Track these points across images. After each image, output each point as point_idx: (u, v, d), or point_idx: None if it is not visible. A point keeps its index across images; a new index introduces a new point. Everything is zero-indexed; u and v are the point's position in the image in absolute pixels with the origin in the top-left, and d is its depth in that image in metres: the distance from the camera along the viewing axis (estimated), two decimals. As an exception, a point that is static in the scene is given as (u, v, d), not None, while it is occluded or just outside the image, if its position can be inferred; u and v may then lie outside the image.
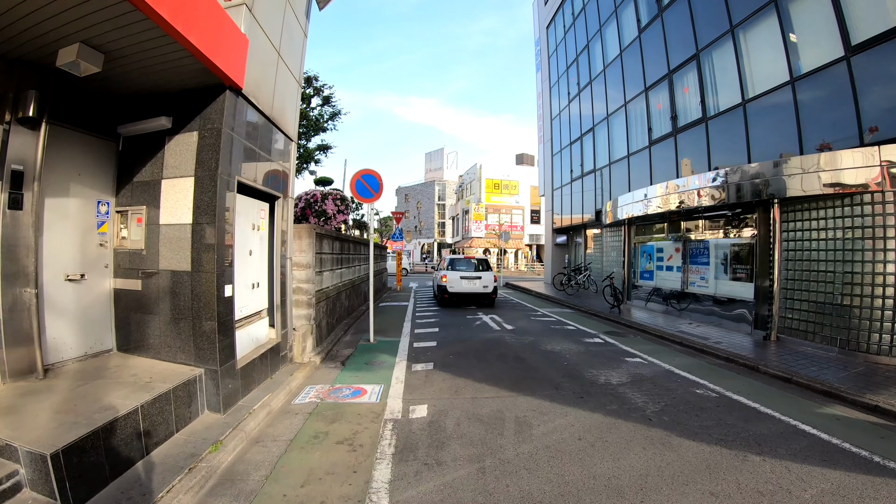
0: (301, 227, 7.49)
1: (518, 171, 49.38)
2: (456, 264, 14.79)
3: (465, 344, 8.30)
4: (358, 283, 12.86)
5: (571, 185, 21.82)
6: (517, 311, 13.16)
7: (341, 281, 10.33)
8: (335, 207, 15.01)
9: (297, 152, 9.13)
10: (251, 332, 5.71)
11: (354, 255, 12.57)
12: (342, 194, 15.34)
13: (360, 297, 13.34)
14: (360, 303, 13.45)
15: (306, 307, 7.52)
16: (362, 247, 14.14)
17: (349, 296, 11.32)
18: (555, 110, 24.82)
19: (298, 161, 11.20)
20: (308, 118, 11.83)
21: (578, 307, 14.42)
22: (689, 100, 13.81)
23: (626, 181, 16.85)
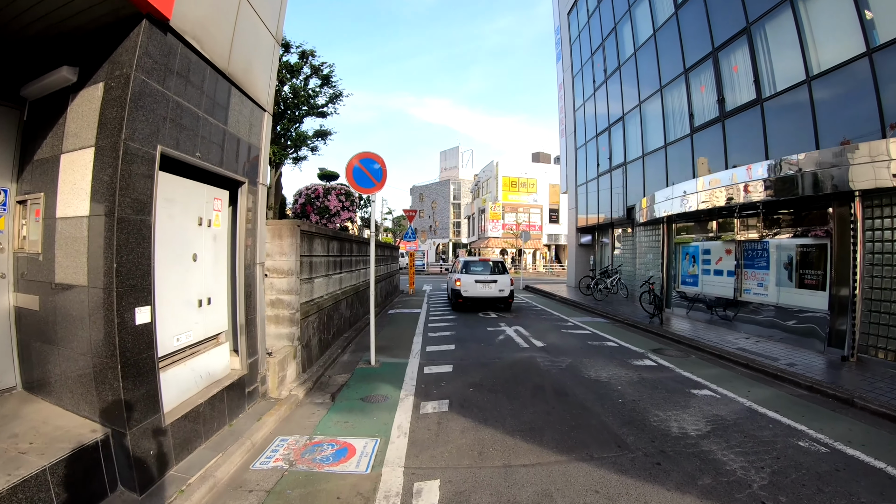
0: (281, 225, 5.97)
1: (535, 169, 47.54)
2: (470, 267, 13.90)
3: (488, 369, 6.69)
4: (363, 288, 11.35)
5: (598, 180, 20.03)
6: (544, 322, 11.49)
7: (341, 288, 8.81)
8: (339, 203, 13.52)
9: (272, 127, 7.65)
10: (198, 365, 4.20)
11: (359, 258, 11.05)
12: (347, 189, 13.84)
13: (366, 305, 11.82)
14: (367, 311, 11.93)
15: (288, 324, 6.00)
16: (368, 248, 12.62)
17: (351, 304, 9.80)
18: (578, 101, 23.04)
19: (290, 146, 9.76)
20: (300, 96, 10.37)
21: (612, 316, 12.69)
22: (739, 79, 12.01)
23: (664, 175, 15.05)
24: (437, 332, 9.62)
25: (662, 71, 15.51)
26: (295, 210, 13.52)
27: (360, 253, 11.40)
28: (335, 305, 8.30)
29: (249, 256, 4.92)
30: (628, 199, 17.28)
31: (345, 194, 13.46)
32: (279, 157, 9.05)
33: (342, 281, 8.96)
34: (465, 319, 11.56)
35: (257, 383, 5.12)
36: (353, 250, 10.16)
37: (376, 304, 12.85)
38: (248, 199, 4.85)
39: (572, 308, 14.82)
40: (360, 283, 11.37)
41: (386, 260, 16.62)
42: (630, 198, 17.18)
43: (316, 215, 13.27)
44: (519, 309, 14.05)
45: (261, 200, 5.14)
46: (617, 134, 18.53)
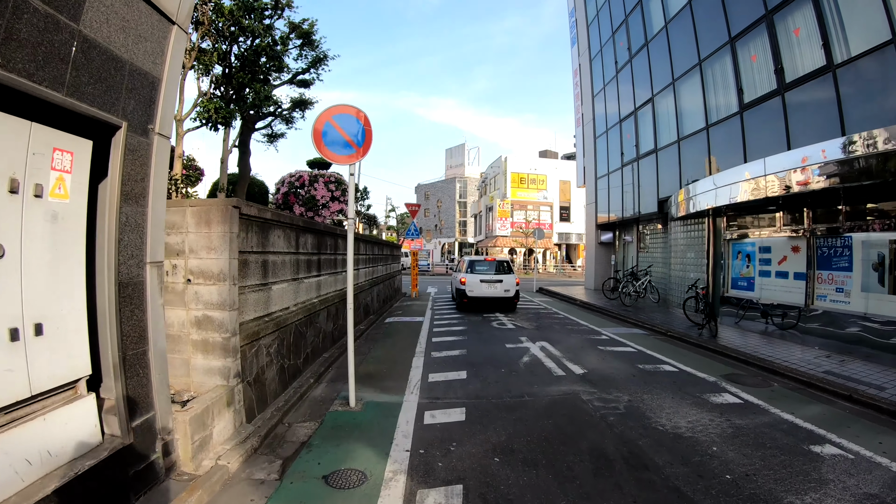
0: (208, 206, 4.02)
1: (545, 164, 45.46)
2: (476, 266, 13.40)
3: (518, 416, 4.70)
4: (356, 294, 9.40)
5: (622, 170, 17.97)
6: (573, 334, 9.48)
7: (319, 295, 6.86)
8: (328, 193, 11.60)
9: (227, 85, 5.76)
10: (22, 441, 2.25)
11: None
12: (338, 177, 11.92)
13: (358, 313, 9.86)
14: (359, 319, 9.97)
15: (220, 354, 4.05)
16: (363, 245, 10.65)
17: (336, 315, 7.85)
18: (597, 85, 20.99)
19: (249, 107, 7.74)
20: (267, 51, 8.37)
21: (651, 326, 10.67)
22: (801, 45, 10.01)
23: (705, 161, 13.00)
24: (443, 351, 7.63)
25: (701, 43, 13.46)
26: (276, 201, 11.62)
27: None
28: (309, 319, 6.34)
29: (132, 251, 2.97)
30: (660, 191, 15.23)
31: (335, 182, 11.54)
32: (224, 114, 7.17)
33: (321, 286, 7.01)
34: (476, 330, 9.57)
35: (156, 455, 3.16)
36: (339, 247, 8.21)
37: (372, 311, 10.94)
38: (134, 158, 2.89)
39: (600, 316, 12.79)
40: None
41: (385, 260, 14.66)
42: (662, 189, 15.12)
43: (301, 207, 11.36)
44: (538, 316, 12.04)
45: (158, 160, 3.17)
46: (645, 118, 16.47)
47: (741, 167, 10.22)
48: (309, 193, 11.20)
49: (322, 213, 11.31)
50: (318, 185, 11.27)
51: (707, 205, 11.17)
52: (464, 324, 10.45)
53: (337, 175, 11.57)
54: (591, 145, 20.88)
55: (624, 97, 18.10)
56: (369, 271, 11.55)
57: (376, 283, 12.31)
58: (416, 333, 9.27)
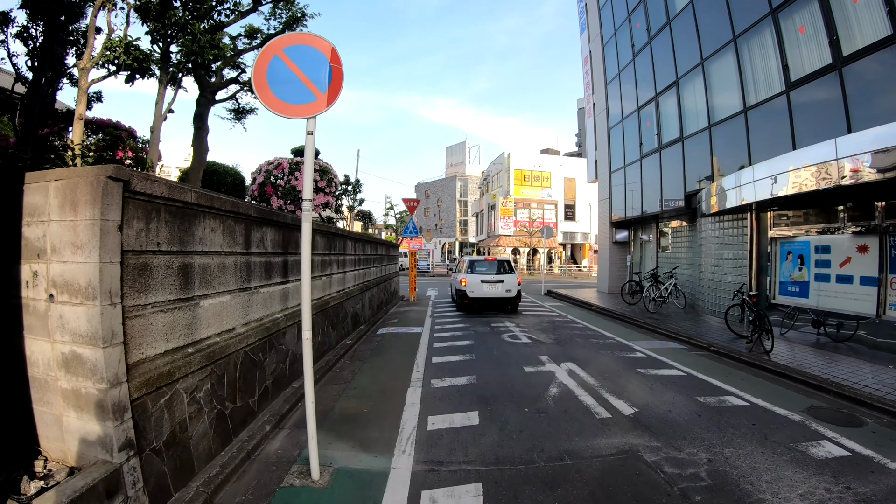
0: (76, 177, 2.48)
1: (549, 161, 43.88)
2: (476, 266, 13.06)
3: (558, 494, 3.15)
4: (336, 303, 7.89)
5: (640, 163, 16.42)
6: (602, 351, 7.94)
7: (285, 308, 5.33)
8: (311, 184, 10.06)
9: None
10: None
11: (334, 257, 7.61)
12: (324, 165, 10.36)
13: (341, 327, 8.35)
14: (344, 332, 8.45)
15: (97, 416, 2.52)
16: (351, 243, 9.11)
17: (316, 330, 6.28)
18: (611, 72, 19.44)
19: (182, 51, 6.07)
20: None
21: (687, 338, 9.16)
22: (858, 11, 8.57)
23: (744, 148, 11.45)
24: (445, 378, 6.08)
25: (735, 17, 11.92)
26: (252, 192, 10.07)
27: (336, 250, 7.90)
28: (269, 341, 4.80)
29: None
30: (687, 184, 13.69)
31: (320, 171, 9.99)
32: (136, 55, 5.63)
33: (289, 297, 5.47)
34: (485, 344, 8.02)
35: None
36: (318, 246, 6.68)
37: (363, 320, 9.20)
38: None
39: (624, 325, 11.25)
40: (335, 293, 7.89)
41: (379, 261, 13.12)
42: (690, 182, 13.58)
43: (280, 199, 9.81)
44: (554, 326, 10.49)
45: None
46: (668, 103, 14.92)
47: (793, 154, 8.72)
48: (289, 183, 9.65)
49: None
50: (301, 173, 9.74)
51: (748, 198, 9.66)
52: (469, 336, 8.90)
53: (323, 163, 10.02)
54: (604, 137, 19.33)
55: (643, 82, 16.55)
56: (359, 274, 10.01)
57: (368, 288, 10.77)
58: (413, 350, 7.72)
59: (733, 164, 11.57)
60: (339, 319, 8.10)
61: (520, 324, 10.54)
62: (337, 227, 8.24)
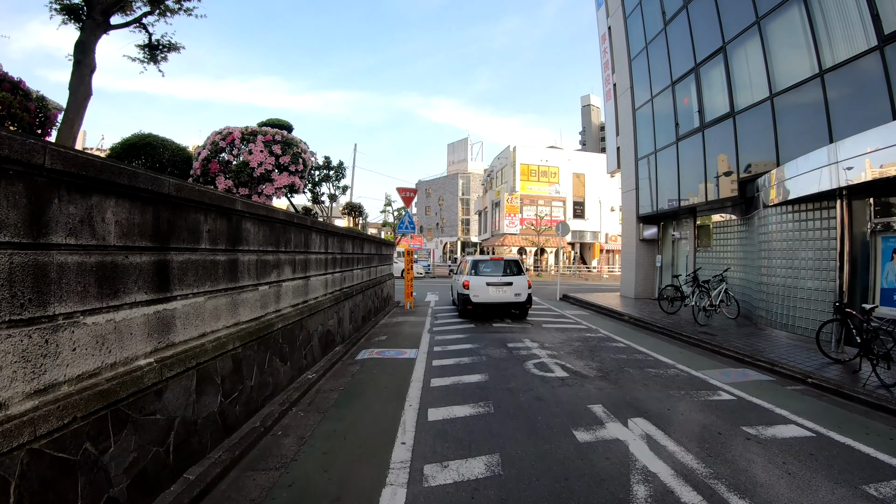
0: None
1: (557, 156, 41.46)
2: (480, 267, 11.61)
3: None
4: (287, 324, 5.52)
5: (676, 146, 14.01)
6: (673, 390, 5.55)
7: (154, 353, 2.93)
8: (271, 159, 7.70)
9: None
10: None
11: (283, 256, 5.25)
12: (288, 137, 7.97)
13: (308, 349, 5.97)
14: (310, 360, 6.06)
15: None
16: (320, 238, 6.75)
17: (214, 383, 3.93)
18: (636, 46, 17.04)
19: None
20: None
21: (768, 364, 6.83)
22: None
23: (822, 121, 9.07)
24: (450, 461, 3.67)
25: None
26: (194, 172, 7.71)
27: (289, 247, 5.53)
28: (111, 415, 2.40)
29: None
30: (740, 169, 11.29)
31: (283, 144, 7.63)
32: None
33: (169, 327, 3.07)
34: (506, 383, 5.62)
35: None
36: (253, 239, 4.32)
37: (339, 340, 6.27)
38: None
39: (674, 343, 8.87)
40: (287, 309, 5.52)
41: (367, 261, 10.75)
42: (745, 165, 11.19)
43: (229, 179, 7.46)
44: (589, 347, 8.09)
45: None
46: (713, 74, 12.52)
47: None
48: (240, 159, 7.29)
49: (260, 189, 7.43)
50: (256, 144, 7.39)
51: (838, 181, 7.33)
52: (480, 365, 6.49)
53: (286, 135, 7.66)
54: (628, 120, 16.92)
55: (677, 53, 14.15)
56: (334, 279, 7.64)
57: (348, 296, 8.40)
58: (401, 392, 5.33)
59: (808, 141, 9.19)
60: (298, 345, 5.72)
61: (544, 343, 8.15)
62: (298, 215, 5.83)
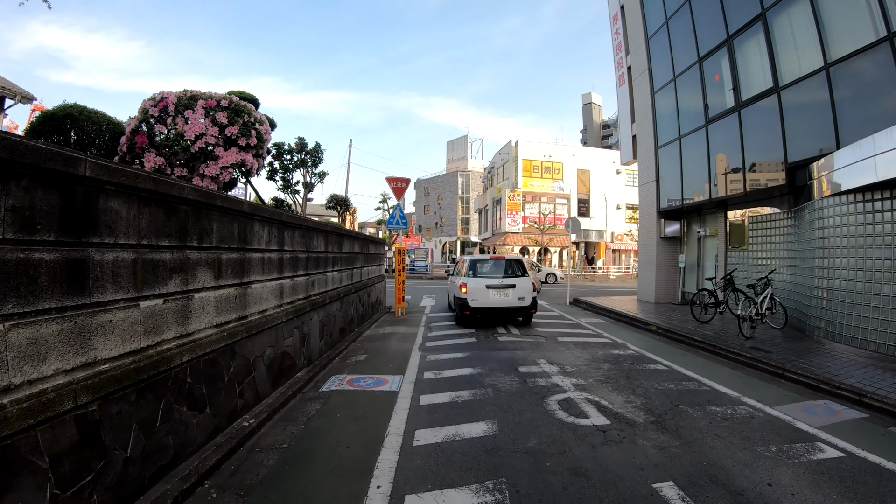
0: None
1: (561, 151, 39.73)
2: (479, 268, 10.56)
3: None
4: (205, 353, 3.80)
5: (705, 130, 12.31)
6: (760, 446, 3.87)
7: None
8: (214, 129, 5.95)
9: None
10: None
11: (195, 254, 3.50)
12: (237, 104, 6.23)
13: (259, 382, 4.26)
14: (259, 393, 4.36)
15: None
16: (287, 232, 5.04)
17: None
18: (653, 23, 15.33)
19: None
20: None
21: (853, 394, 5.15)
22: None
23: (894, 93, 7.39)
24: None
25: None
26: (121, 149, 5.99)
27: (204, 242, 3.81)
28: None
29: None
30: (788, 154, 9.60)
31: (231, 111, 5.92)
32: None
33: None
34: (527, 441, 3.94)
35: None
36: (135, 230, 2.57)
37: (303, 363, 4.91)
38: None
39: (722, 363, 7.17)
40: (209, 331, 3.80)
41: (349, 261, 9.06)
42: (794, 150, 9.50)
43: (160, 157, 5.76)
44: (627, 374, 6.39)
45: None
46: (749, 45, 10.82)
47: None
48: (175, 130, 5.61)
49: (200, 169, 5.75)
50: (195, 113, 5.71)
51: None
52: (489, 406, 4.78)
53: (235, 100, 5.96)
54: (646, 104, 15.21)
55: (705, 25, 12.45)
56: (298, 285, 5.95)
57: (319, 306, 6.70)
58: (371, 454, 3.61)
59: (876, 117, 7.52)
60: (227, 380, 4.03)
61: (564, 365, 6.44)
62: (224, 195, 4.10)
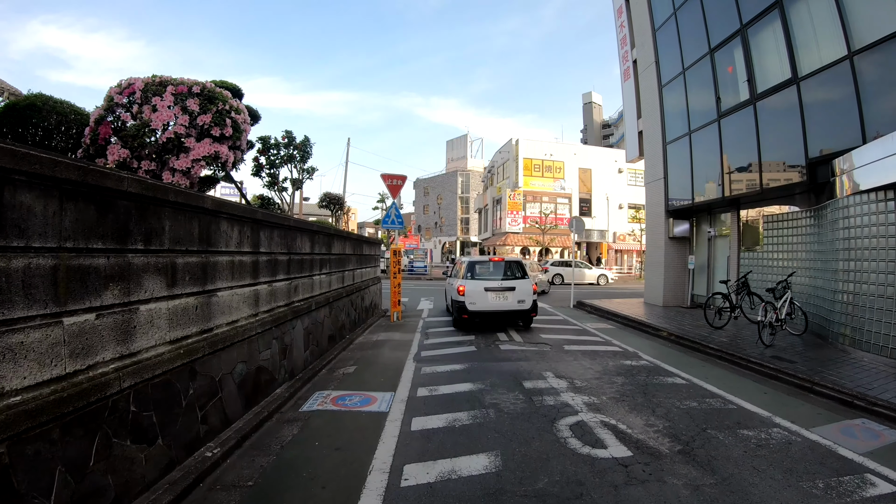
0: None
1: (562, 150, 39.15)
2: (478, 270, 10.16)
3: None
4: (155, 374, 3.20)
5: (718, 123, 11.72)
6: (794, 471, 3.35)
7: None
8: (185, 118, 5.30)
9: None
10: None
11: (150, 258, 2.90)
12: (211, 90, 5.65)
13: (204, 418, 3.68)
14: (209, 430, 3.78)
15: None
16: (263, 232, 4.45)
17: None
18: (660, 14, 14.74)
19: None
20: None
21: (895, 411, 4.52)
22: None
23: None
24: None
25: None
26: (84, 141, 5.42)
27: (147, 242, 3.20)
28: None
29: None
30: (809, 148, 9.03)
31: (203, 97, 5.34)
32: None
33: None
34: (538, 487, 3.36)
35: None
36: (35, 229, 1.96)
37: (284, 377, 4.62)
38: None
39: (742, 373, 6.60)
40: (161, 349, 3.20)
41: (338, 263, 8.49)
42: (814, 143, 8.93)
43: (125, 149, 5.18)
44: (643, 389, 5.78)
45: None
46: (765, 34, 10.25)
47: None
48: (140, 118, 5.04)
49: (170, 161, 5.18)
50: (163, 100, 5.14)
51: None
52: (491, 432, 4.16)
53: (209, 86, 5.39)
54: (653, 99, 14.63)
55: (716, 15, 11.87)
56: (278, 291, 5.37)
57: (304, 313, 6.12)
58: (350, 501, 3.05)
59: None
60: (184, 405, 3.45)
61: (573, 379, 5.84)
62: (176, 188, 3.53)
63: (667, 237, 13.61)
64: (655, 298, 13.88)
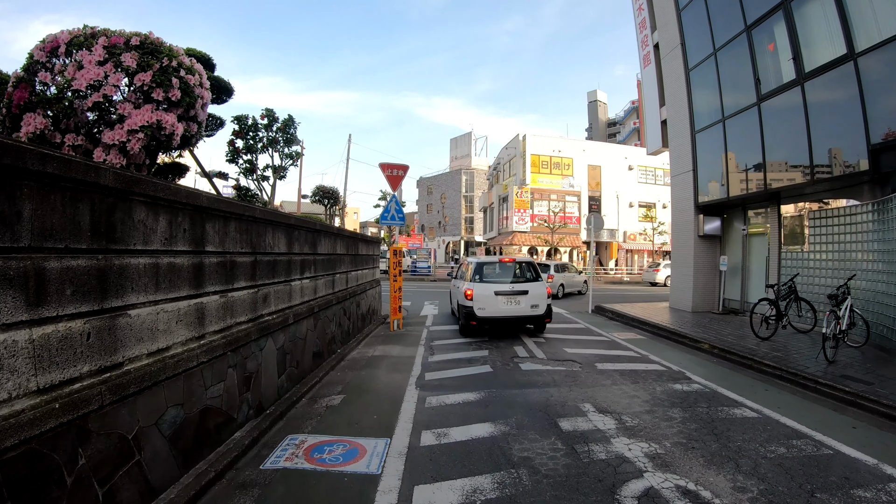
0: None
1: (571, 146, 37.84)
2: (486, 272, 9.15)
3: None
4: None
5: (758, 108, 10.42)
6: None
7: None
8: (117, 77, 3.79)
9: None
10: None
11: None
12: (154, 41, 4.24)
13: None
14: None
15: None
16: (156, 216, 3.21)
17: None
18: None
19: None
20: None
21: None
22: None
23: None
24: None
25: None
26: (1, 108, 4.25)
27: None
28: None
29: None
30: (871, 132, 7.77)
31: (140, 51, 4.13)
32: None
33: None
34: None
35: None
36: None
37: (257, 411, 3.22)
38: None
39: (812, 397, 5.36)
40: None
41: (327, 265, 7.30)
42: (877, 126, 7.67)
43: (45, 118, 3.98)
44: (711, 427, 4.53)
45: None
46: (811, 7, 8.99)
47: None
48: (65, 78, 3.88)
49: (103, 133, 4.02)
50: (91, 55, 3.98)
51: None
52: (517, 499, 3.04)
53: (152, 38, 4.23)
54: (679, 84, 13.34)
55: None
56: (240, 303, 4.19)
57: (278, 328, 4.93)
58: None
59: None
60: (74, 481, 2.24)
61: (620, 413, 4.60)
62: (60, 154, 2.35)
63: (696, 235, 12.34)
64: (683, 303, 12.60)
